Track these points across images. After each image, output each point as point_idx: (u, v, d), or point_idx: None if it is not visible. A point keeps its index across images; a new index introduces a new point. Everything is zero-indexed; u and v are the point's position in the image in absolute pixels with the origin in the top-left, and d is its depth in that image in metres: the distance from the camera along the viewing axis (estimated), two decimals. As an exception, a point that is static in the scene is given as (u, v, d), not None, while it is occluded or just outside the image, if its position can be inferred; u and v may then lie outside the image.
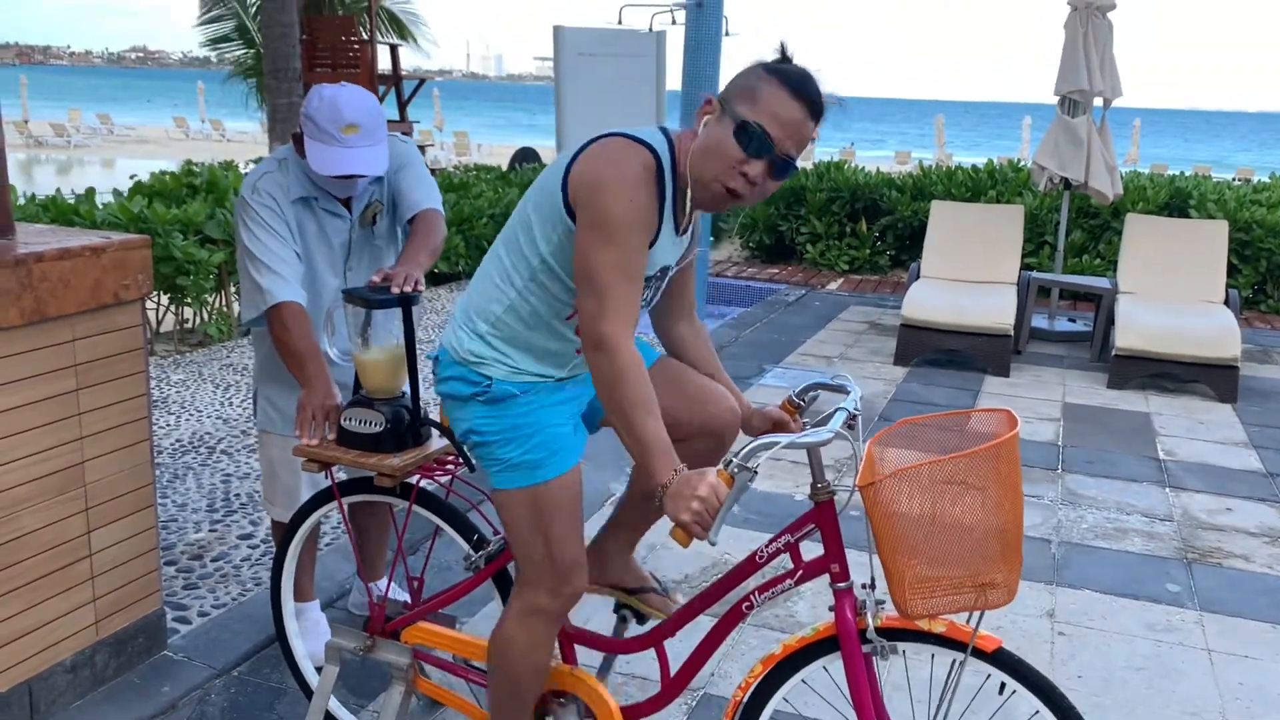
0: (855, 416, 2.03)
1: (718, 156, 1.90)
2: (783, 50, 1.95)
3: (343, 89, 2.66)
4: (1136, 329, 6.31)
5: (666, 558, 3.81)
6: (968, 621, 1.91)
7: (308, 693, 2.64)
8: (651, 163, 1.93)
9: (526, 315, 2.06)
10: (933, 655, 1.96)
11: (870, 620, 1.94)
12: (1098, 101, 7.38)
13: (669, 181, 1.98)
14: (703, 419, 2.20)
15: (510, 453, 2.07)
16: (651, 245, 1.98)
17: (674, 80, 6.99)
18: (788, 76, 1.89)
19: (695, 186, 1.96)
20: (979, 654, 1.90)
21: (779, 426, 2.25)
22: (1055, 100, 7.46)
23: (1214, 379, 6.19)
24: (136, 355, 2.84)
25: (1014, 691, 1.91)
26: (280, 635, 2.67)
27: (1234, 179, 12.17)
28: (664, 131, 2.01)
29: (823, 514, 1.97)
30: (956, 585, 1.86)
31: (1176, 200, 9.04)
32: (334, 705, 2.61)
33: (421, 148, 14.44)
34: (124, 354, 2.80)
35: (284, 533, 2.61)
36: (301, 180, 2.75)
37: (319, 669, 2.58)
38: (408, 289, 2.38)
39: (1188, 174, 10.52)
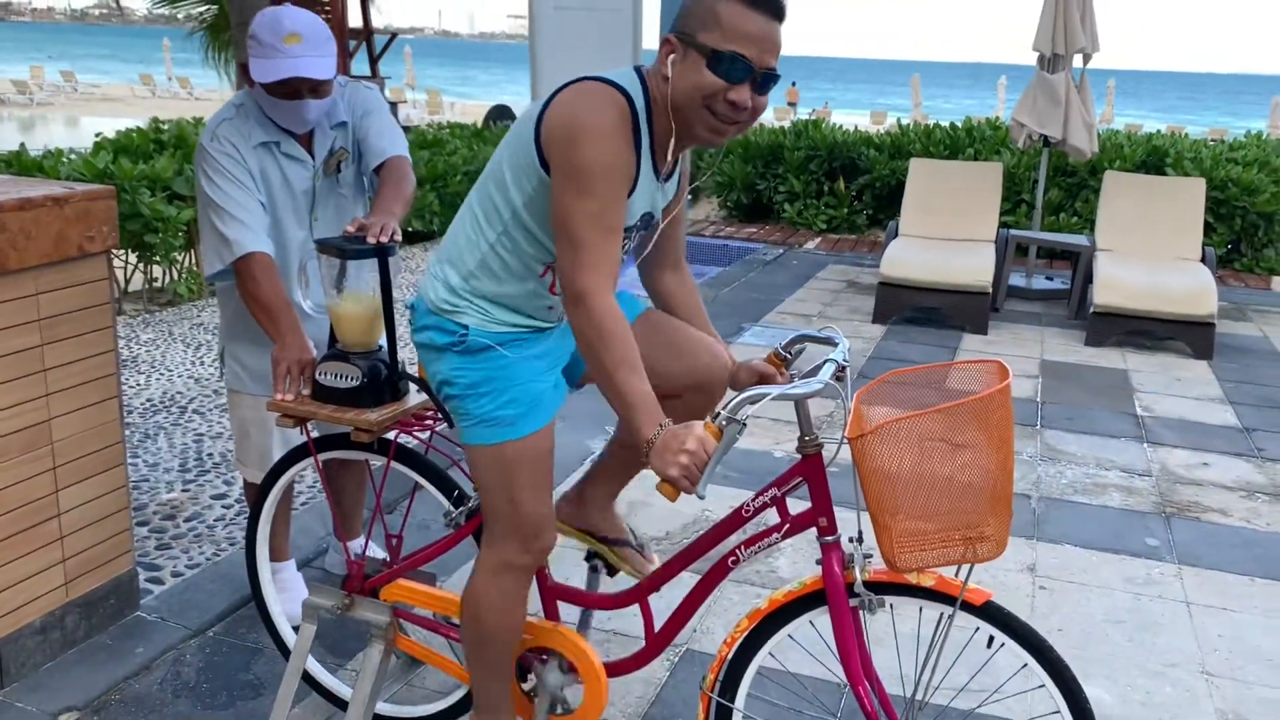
0: (844, 368, 1.99)
1: (700, 93, 1.84)
2: None
3: (286, 5, 2.59)
4: (1114, 286, 6.31)
5: (648, 515, 3.78)
6: (956, 575, 1.88)
7: (285, 652, 2.60)
8: (625, 106, 1.87)
9: (498, 268, 2.01)
10: (920, 609, 1.94)
11: (858, 574, 1.92)
12: (1077, 60, 7.34)
13: (644, 124, 1.91)
14: (690, 372, 2.16)
15: (482, 407, 2.02)
16: (631, 193, 1.92)
17: (650, 35, 6.89)
18: None
19: (684, 128, 1.90)
20: (968, 607, 1.89)
21: (765, 380, 2.21)
22: (1034, 57, 7.42)
23: (1190, 336, 6.21)
24: (103, 310, 2.76)
25: (1002, 645, 1.90)
26: (256, 595, 2.63)
27: (1208, 138, 12.20)
28: (638, 71, 1.94)
29: (810, 467, 1.93)
30: (945, 539, 1.83)
31: (1153, 158, 9.04)
32: (312, 664, 2.58)
33: (394, 105, 14.21)
34: (90, 308, 2.72)
35: (258, 492, 2.56)
36: (262, 123, 2.67)
37: (296, 628, 2.53)
38: (384, 239, 2.31)
39: (1163, 132, 10.51)
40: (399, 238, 2.36)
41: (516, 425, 2.02)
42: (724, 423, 1.76)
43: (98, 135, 7.51)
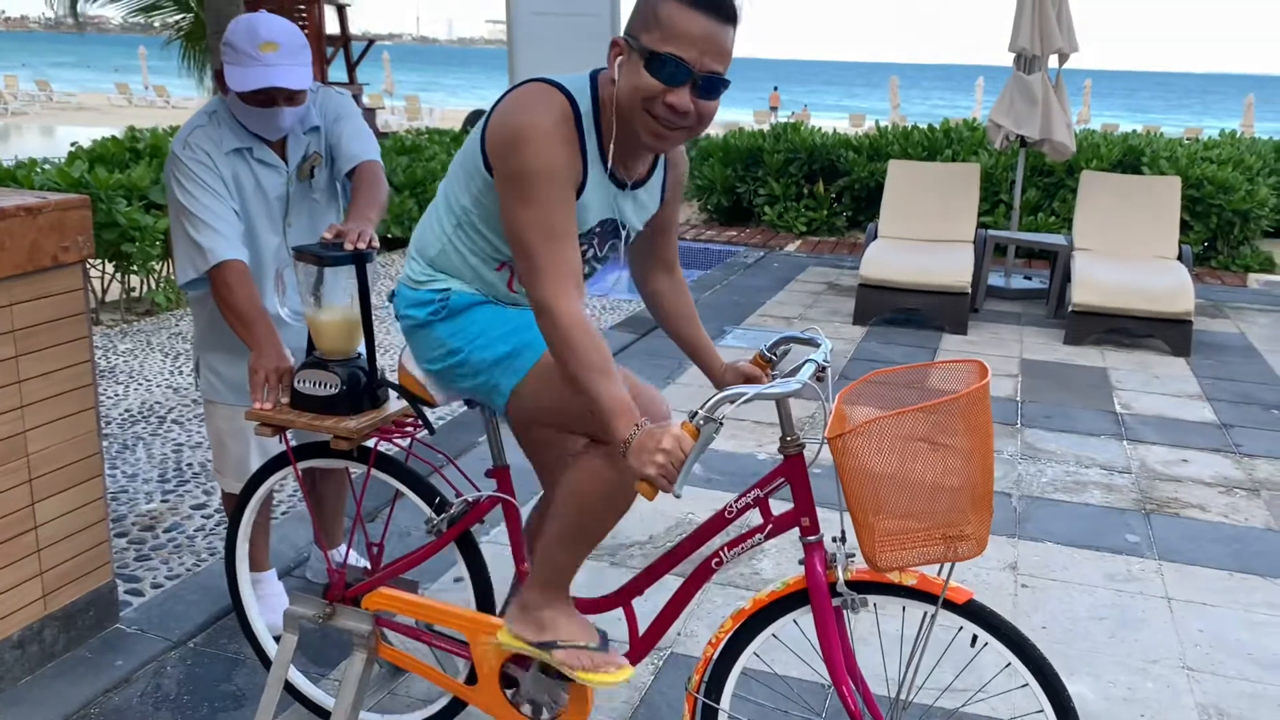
0: (825, 369, 1.99)
1: (639, 94, 1.81)
2: None
3: (260, 14, 2.58)
4: (1092, 285, 6.35)
5: (630, 517, 3.77)
6: (939, 574, 1.89)
7: (266, 663, 2.58)
8: (567, 107, 1.85)
9: (458, 261, 2.05)
10: (904, 608, 1.94)
11: (840, 573, 1.92)
12: (1053, 60, 7.39)
13: (591, 126, 1.90)
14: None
15: (491, 350, 2.01)
16: (579, 196, 1.92)
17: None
18: None
19: (628, 131, 1.88)
20: (950, 606, 1.89)
21: (750, 381, 2.21)
22: (1011, 59, 7.46)
23: (1168, 334, 6.25)
24: (79, 320, 2.73)
25: (985, 644, 1.90)
26: (237, 605, 2.61)
27: (1183, 137, 12.30)
28: (593, 75, 1.93)
29: (792, 467, 1.93)
30: (926, 538, 1.84)
31: (1130, 157, 9.10)
32: (294, 674, 2.56)
33: (372, 111, 14.16)
34: (65, 319, 2.69)
35: (237, 501, 2.54)
36: (235, 130, 2.65)
37: (277, 638, 2.52)
38: (361, 245, 2.31)
39: (1139, 132, 10.59)
40: (376, 244, 2.36)
41: (531, 345, 2.00)
42: (701, 422, 1.76)
43: (73, 144, 7.46)
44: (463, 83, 68.57)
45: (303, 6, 11.80)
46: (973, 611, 1.89)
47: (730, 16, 1.79)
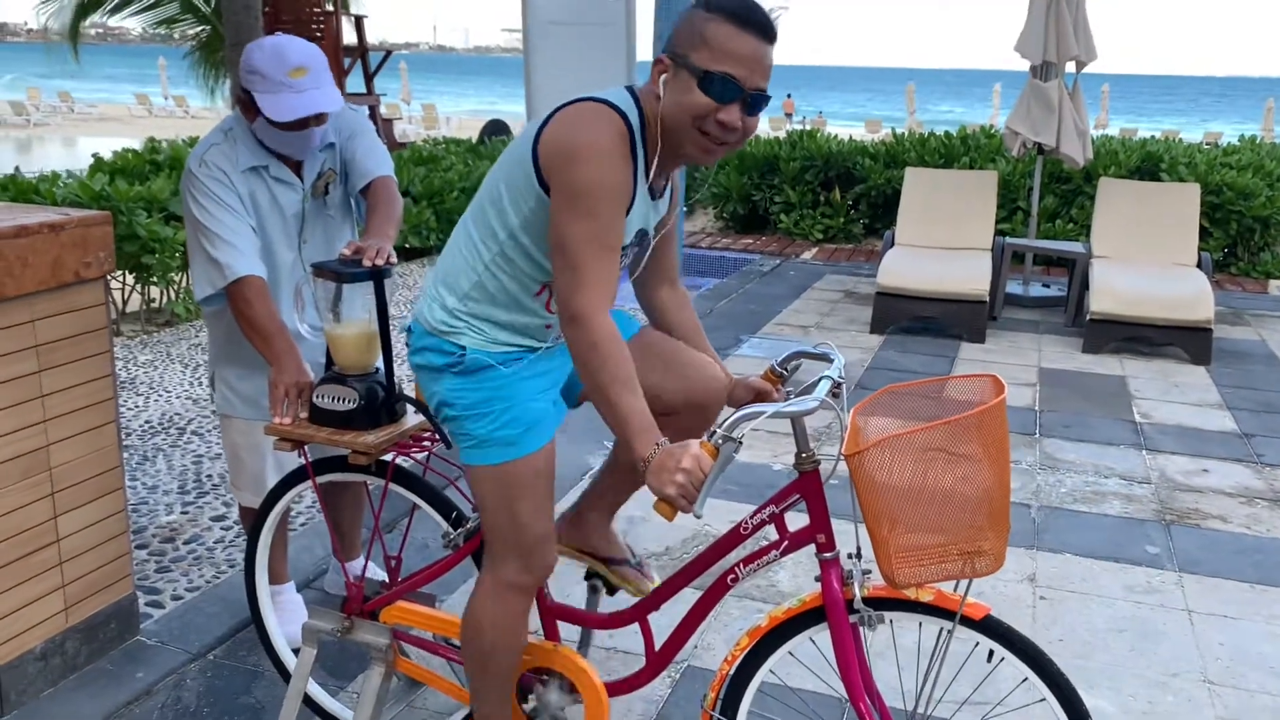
0: (840, 385, 1.99)
1: (690, 113, 1.85)
2: None
3: (280, 37, 2.59)
4: (1111, 293, 6.31)
5: (646, 530, 3.78)
6: (955, 590, 1.89)
7: (285, 675, 2.59)
8: (623, 126, 1.88)
9: (494, 290, 2.02)
10: (920, 624, 1.94)
11: (857, 590, 1.92)
12: (1070, 66, 7.36)
13: (639, 144, 1.93)
14: (687, 390, 2.16)
15: (482, 428, 2.02)
16: (628, 211, 1.93)
17: (644, 49, 6.91)
18: (731, 10, 1.83)
19: (674, 147, 1.92)
20: (967, 622, 1.88)
21: (761, 396, 2.21)
22: (1027, 66, 7.44)
23: (1188, 342, 6.21)
24: (100, 335, 2.76)
25: (1002, 659, 1.90)
26: (256, 618, 2.62)
27: (1202, 142, 12.23)
28: (630, 91, 1.95)
29: (808, 484, 1.93)
30: (943, 554, 1.83)
31: (1148, 164, 9.06)
32: (312, 687, 2.57)
33: (389, 121, 14.24)
34: (87, 334, 2.72)
35: (256, 516, 2.56)
36: (251, 149, 2.67)
37: (296, 651, 2.53)
38: (379, 262, 2.32)
39: (1157, 138, 10.54)
40: (394, 260, 2.37)
41: (517, 445, 2.02)
42: (720, 441, 1.76)
43: (94, 156, 7.53)
44: (480, 90, 68.83)
45: (320, 18, 11.88)
46: (990, 627, 1.89)
47: (773, 37, 1.86)
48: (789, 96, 36.53)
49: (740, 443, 1.77)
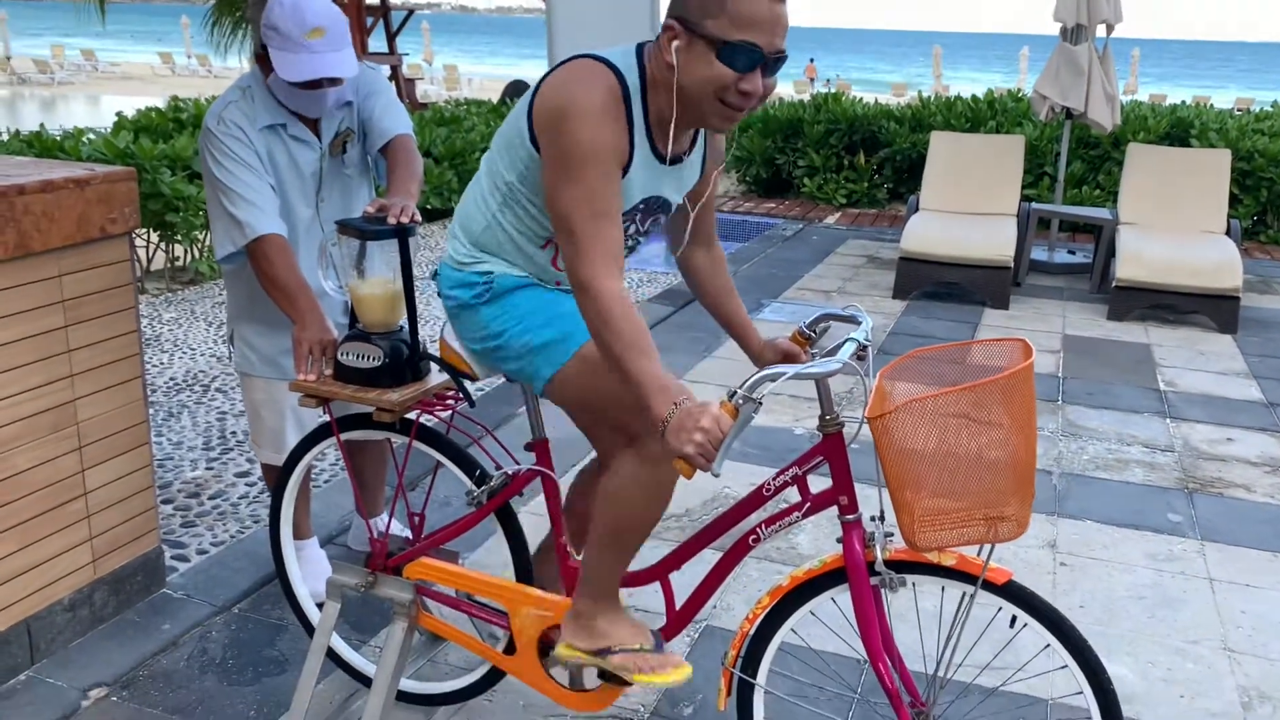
0: (865, 348, 1.98)
1: (711, 85, 1.80)
2: None
3: None
4: (1137, 260, 6.25)
5: (667, 492, 3.78)
6: (978, 554, 1.88)
7: (309, 629, 2.62)
8: (616, 85, 1.84)
9: (503, 238, 2.05)
10: (942, 588, 1.94)
11: (879, 553, 1.92)
12: (1100, 30, 7.25)
13: (638, 104, 1.89)
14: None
15: (534, 336, 2.02)
16: (626, 173, 1.91)
17: (666, 5, 6.84)
18: None
19: (693, 116, 1.87)
20: (989, 587, 1.88)
21: (789, 358, 2.21)
22: (1056, 28, 7.33)
23: (1214, 309, 6.15)
24: (126, 291, 2.77)
25: (1024, 625, 1.89)
26: (280, 573, 2.65)
27: (1234, 108, 12.04)
28: (639, 48, 1.91)
29: (831, 446, 1.93)
30: (966, 518, 1.83)
31: (1178, 130, 8.93)
32: (336, 641, 2.60)
33: (411, 81, 14.18)
34: (113, 289, 2.74)
35: (280, 473, 2.58)
36: (269, 106, 2.66)
37: (320, 605, 2.56)
38: (404, 219, 2.32)
39: (1188, 103, 10.38)
40: (419, 219, 2.37)
41: (573, 335, 2.01)
42: (740, 401, 1.75)
43: (118, 114, 7.54)
44: (502, 51, 68.40)
45: (343, -24, 11.80)
46: (1012, 592, 1.88)
47: None
48: (811, 61, 36.16)
49: (760, 403, 1.76)
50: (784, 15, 1.80)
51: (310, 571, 2.99)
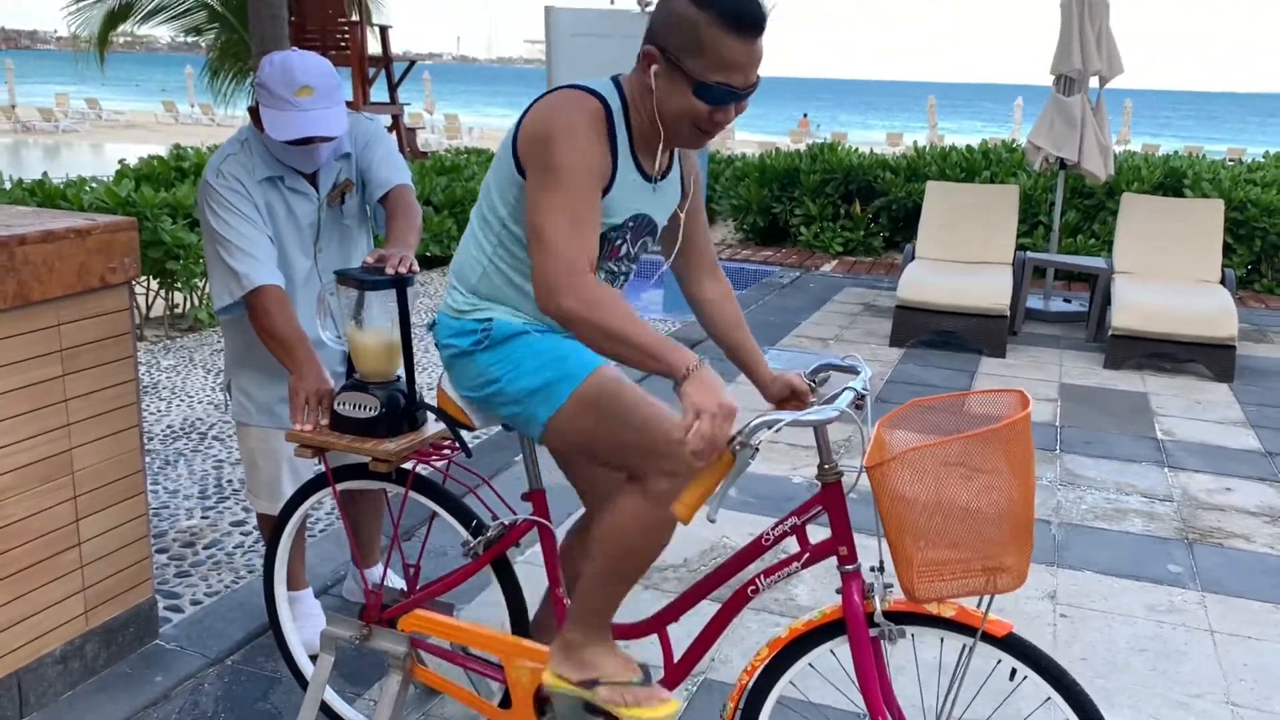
0: (863, 397, 1.99)
1: (685, 112, 1.89)
2: None
3: (294, 53, 2.60)
4: (1133, 308, 6.27)
5: (664, 542, 3.76)
6: (978, 605, 1.87)
7: (302, 682, 2.60)
8: (599, 109, 1.91)
9: (499, 282, 2.07)
10: (942, 639, 1.92)
11: (878, 604, 1.91)
12: (1094, 81, 7.34)
13: (621, 126, 1.96)
14: None
15: (529, 380, 2.02)
16: (608, 191, 1.96)
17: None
18: (726, 9, 1.80)
19: (669, 135, 1.95)
20: (989, 639, 1.87)
21: (798, 394, 2.23)
22: (1050, 80, 7.42)
23: (1211, 358, 6.16)
24: (124, 340, 2.78)
25: (1025, 677, 1.88)
26: (274, 624, 2.63)
27: (1226, 158, 12.15)
28: (614, 80, 2.00)
29: (830, 495, 1.92)
30: (965, 569, 1.82)
31: (1171, 180, 9.00)
32: (329, 695, 2.57)
33: (412, 130, 14.30)
34: (111, 339, 2.74)
35: (276, 522, 2.56)
36: (266, 159, 2.69)
37: (314, 658, 2.53)
38: (402, 270, 2.33)
39: (1181, 153, 10.48)
40: (417, 269, 2.38)
41: (569, 375, 2.00)
42: (737, 447, 1.75)
43: (121, 162, 7.59)
44: (502, 100, 69.08)
45: (345, 28, 11.96)
46: (1012, 644, 1.87)
47: (763, 27, 1.86)
48: (805, 116, 36.51)
49: (756, 449, 1.76)
50: (759, 51, 1.86)
51: (304, 623, 2.96)
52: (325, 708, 2.56)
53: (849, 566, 1.93)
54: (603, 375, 2.00)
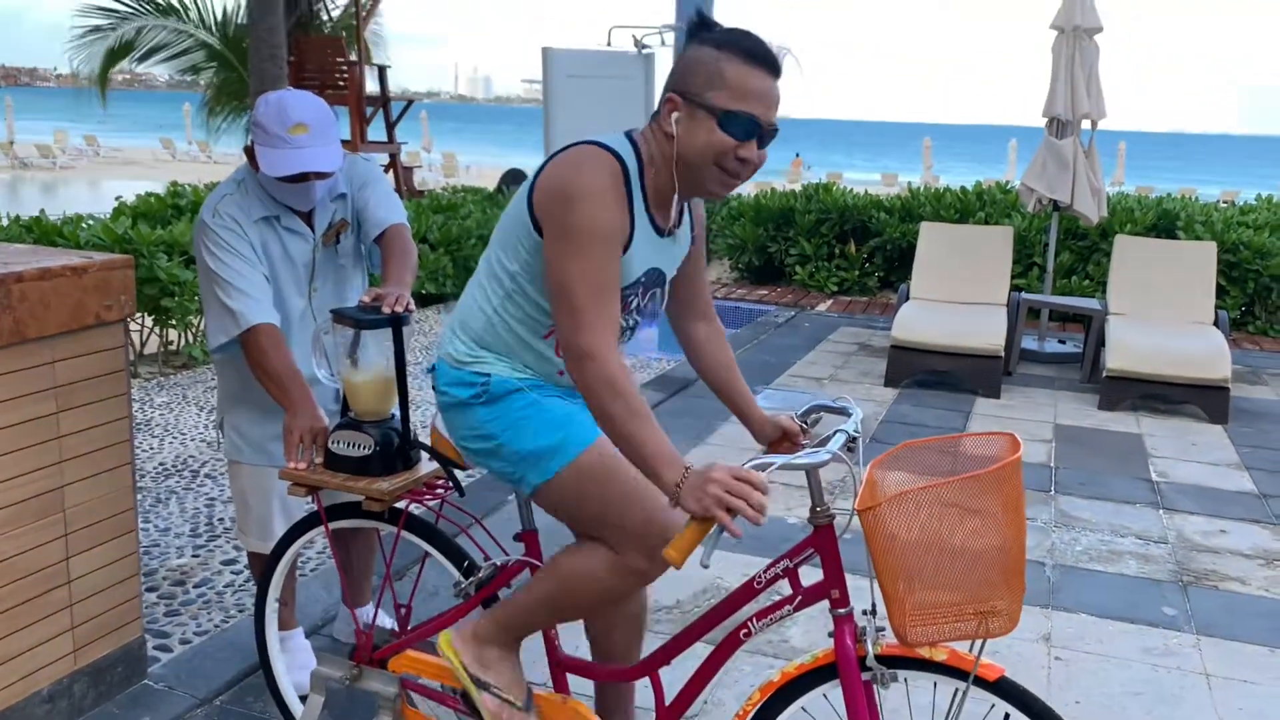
0: (855, 439, 1.99)
1: (712, 150, 1.91)
2: (701, 18, 1.95)
3: (288, 92, 2.63)
4: (1127, 350, 6.30)
5: (658, 584, 3.74)
6: (970, 649, 1.86)
7: (292, 723, 2.57)
8: (617, 167, 1.93)
9: (504, 333, 2.07)
10: (935, 684, 1.91)
11: (870, 647, 1.90)
12: (1085, 124, 7.41)
13: (636, 185, 1.98)
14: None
15: (525, 443, 2.03)
16: (626, 250, 1.97)
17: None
18: (744, 48, 1.89)
19: (692, 183, 1.97)
20: (982, 683, 1.86)
21: (789, 435, 2.24)
22: (1043, 122, 7.49)
23: (1205, 400, 6.18)
24: (119, 377, 2.78)
25: (1018, 721, 1.87)
26: (264, 664, 2.61)
27: (1219, 201, 12.24)
28: (628, 135, 2.01)
29: (822, 538, 1.92)
30: (958, 612, 1.82)
31: (1164, 222, 9.07)
32: (319, 736, 2.55)
33: (409, 169, 14.38)
34: (106, 376, 2.74)
35: (267, 561, 2.55)
36: (262, 199, 2.71)
37: (304, 698, 2.51)
38: (398, 309, 2.34)
39: (1174, 195, 10.56)
40: (413, 307, 2.39)
41: (565, 447, 2.02)
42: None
43: (118, 199, 7.62)
44: (499, 140, 69.54)
45: (344, 67, 12.06)
46: (1005, 689, 1.86)
47: (779, 72, 1.93)
48: (797, 156, 36.72)
49: None
50: (776, 91, 1.92)
51: (294, 663, 2.94)
52: (314, 750, 2.53)
53: (841, 610, 1.92)
54: (598, 451, 2.03)
